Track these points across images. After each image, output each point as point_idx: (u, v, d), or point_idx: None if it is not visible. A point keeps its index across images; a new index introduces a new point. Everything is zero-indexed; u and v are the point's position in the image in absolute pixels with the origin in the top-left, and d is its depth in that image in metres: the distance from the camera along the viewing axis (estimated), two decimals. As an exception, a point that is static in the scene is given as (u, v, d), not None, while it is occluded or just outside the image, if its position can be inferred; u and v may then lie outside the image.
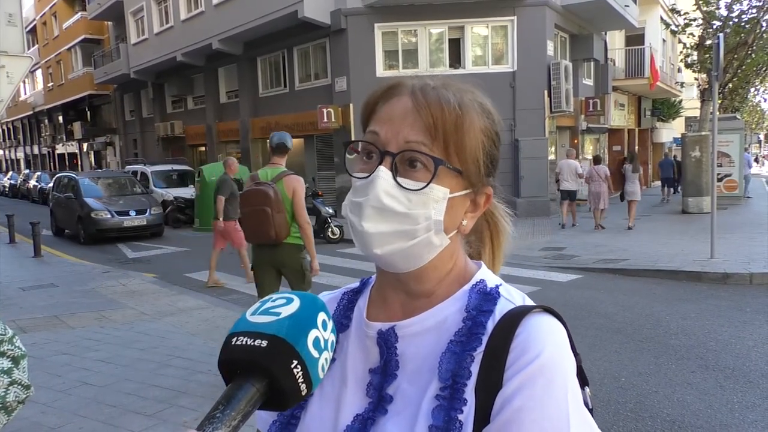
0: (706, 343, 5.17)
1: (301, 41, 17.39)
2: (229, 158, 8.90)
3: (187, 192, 16.52)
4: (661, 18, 21.15)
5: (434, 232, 0.71)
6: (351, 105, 15.32)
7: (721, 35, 9.66)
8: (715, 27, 16.31)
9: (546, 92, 15.45)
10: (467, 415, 0.66)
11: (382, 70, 15.64)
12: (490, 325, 0.70)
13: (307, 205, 14.23)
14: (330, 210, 12.20)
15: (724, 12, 16.72)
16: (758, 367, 4.57)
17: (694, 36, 17.14)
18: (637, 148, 24.75)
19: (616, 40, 22.43)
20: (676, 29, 17.27)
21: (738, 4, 16.44)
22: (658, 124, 27.89)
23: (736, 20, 16.30)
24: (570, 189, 13.07)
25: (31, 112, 43.11)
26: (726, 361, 4.72)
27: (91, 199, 13.71)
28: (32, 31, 39.10)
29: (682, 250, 9.50)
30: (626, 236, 11.47)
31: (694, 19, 16.84)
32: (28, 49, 26.36)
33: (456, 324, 0.72)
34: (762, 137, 72.65)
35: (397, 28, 15.66)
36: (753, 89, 30.26)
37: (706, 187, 14.01)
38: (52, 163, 42.24)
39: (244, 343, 0.59)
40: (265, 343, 0.59)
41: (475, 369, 0.68)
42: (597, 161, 13.15)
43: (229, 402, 0.56)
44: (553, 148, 16.94)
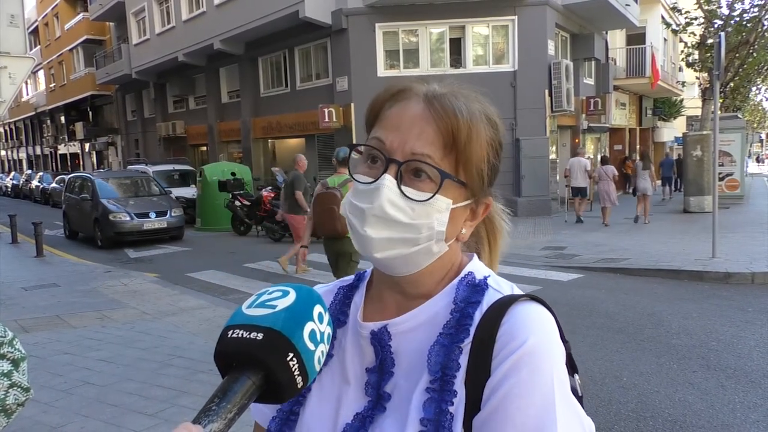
0: (707, 343, 5.16)
1: (303, 41, 17.40)
2: (299, 155, 9.42)
3: (188, 192, 16.55)
4: (662, 17, 21.12)
5: (435, 241, 0.72)
6: (352, 105, 15.33)
7: (723, 34, 9.65)
8: (716, 26, 16.28)
9: (547, 92, 15.44)
10: (457, 407, 0.66)
11: (383, 70, 15.65)
12: (477, 316, 0.71)
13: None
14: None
15: (725, 11, 16.69)
16: (760, 367, 4.56)
17: (695, 35, 17.12)
18: (638, 147, 24.76)
19: (617, 39, 22.40)
20: (677, 28, 17.25)
21: (739, 3, 16.42)
22: (659, 123, 27.86)
23: (738, 19, 16.26)
24: (580, 186, 13.78)
25: (34, 113, 43.22)
26: (728, 360, 4.71)
27: (108, 201, 12.83)
28: (34, 32, 39.17)
29: (683, 249, 9.49)
30: (627, 235, 11.45)
31: (696, 18, 16.81)
32: (30, 49, 26.38)
33: (446, 317, 0.73)
34: (763, 136, 72.51)
35: (398, 28, 15.67)
36: (754, 88, 30.19)
37: (708, 186, 14.01)
38: (54, 164, 42.30)
39: (239, 335, 0.59)
40: (260, 336, 0.59)
41: (463, 361, 0.68)
42: (605, 161, 13.89)
43: (225, 395, 0.57)
44: (554, 148, 16.93)
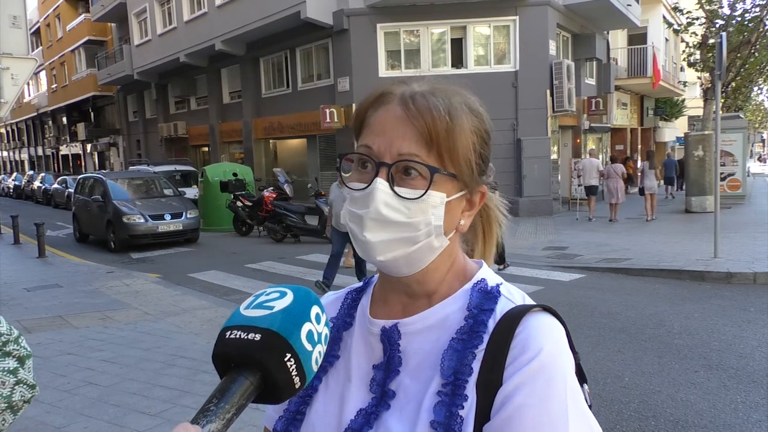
0: (709, 343, 5.15)
1: (304, 42, 17.43)
2: None
3: (190, 192, 16.55)
4: (664, 17, 21.14)
5: (435, 236, 0.73)
6: (353, 105, 15.32)
7: (724, 34, 9.63)
8: (717, 26, 16.26)
9: (548, 92, 15.43)
10: (468, 411, 0.67)
11: (384, 70, 15.67)
12: (491, 323, 0.72)
13: (310, 205, 14.21)
14: (333, 210, 12.22)
15: (726, 11, 16.67)
16: (762, 366, 4.55)
17: (696, 35, 17.11)
18: (639, 147, 24.75)
19: (618, 39, 22.38)
20: (679, 28, 17.26)
21: (741, 3, 16.40)
22: (660, 123, 27.83)
23: (739, 19, 16.24)
24: (593, 185, 14.28)
25: (35, 114, 43.32)
26: (729, 360, 4.70)
27: (121, 202, 12.33)
28: (36, 33, 39.28)
29: (685, 249, 9.47)
30: (629, 235, 11.44)
31: (697, 18, 16.81)
32: (32, 50, 26.46)
33: (458, 322, 0.74)
34: (765, 136, 72.39)
35: (399, 28, 15.68)
36: (756, 88, 30.11)
37: (710, 186, 13.99)
38: (56, 165, 42.38)
39: (237, 336, 0.60)
40: (258, 337, 0.59)
41: (476, 366, 0.69)
42: (614, 160, 14.56)
43: (223, 395, 0.57)
44: (555, 148, 16.92)
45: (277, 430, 0.79)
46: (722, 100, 17.54)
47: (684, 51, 18.52)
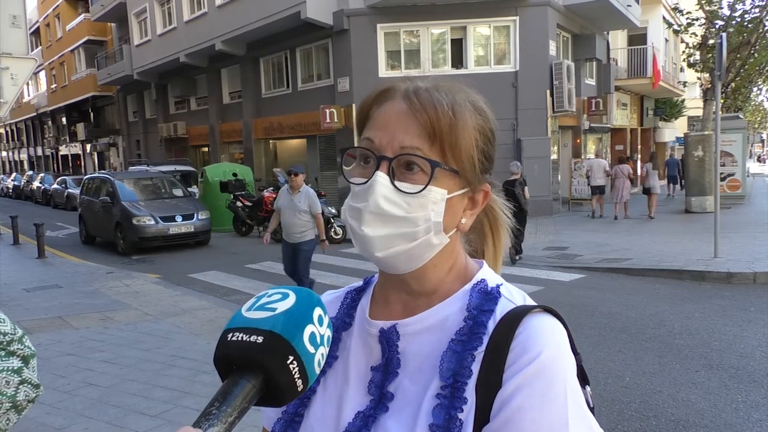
0: (710, 343, 5.15)
1: (304, 42, 17.42)
2: None
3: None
4: (664, 17, 21.14)
5: (434, 233, 0.72)
6: (353, 105, 15.32)
7: (724, 35, 9.65)
8: (717, 26, 16.27)
9: (548, 92, 15.43)
10: (467, 414, 0.66)
11: (384, 71, 15.66)
12: (491, 324, 0.71)
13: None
14: (333, 210, 12.23)
15: (726, 11, 16.68)
16: (762, 366, 4.55)
17: (696, 35, 17.12)
18: (639, 147, 24.77)
19: (618, 39, 22.39)
20: (679, 29, 17.28)
21: (741, 4, 16.40)
22: (660, 123, 27.84)
23: (739, 20, 16.25)
24: (600, 184, 14.68)
25: (35, 114, 43.29)
26: (730, 360, 4.71)
27: (130, 204, 11.95)
28: (36, 33, 39.25)
29: (685, 249, 9.47)
30: (629, 235, 11.45)
31: (697, 19, 16.81)
32: (32, 50, 26.47)
33: (457, 323, 0.73)
34: (765, 136, 72.45)
35: (400, 29, 15.67)
36: (756, 88, 30.14)
37: (709, 186, 13.99)
38: (55, 165, 42.37)
39: (239, 338, 0.59)
40: (260, 339, 0.59)
41: (475, 368, 0.68)
42: (621, 161, 14.93)
43: (225, 398, 0.56)
44: (555, 148, 16.92)
45: (275, 431, 0.79)
46: (722, 101, 17.55)
47: (684, 51, 18.52)
